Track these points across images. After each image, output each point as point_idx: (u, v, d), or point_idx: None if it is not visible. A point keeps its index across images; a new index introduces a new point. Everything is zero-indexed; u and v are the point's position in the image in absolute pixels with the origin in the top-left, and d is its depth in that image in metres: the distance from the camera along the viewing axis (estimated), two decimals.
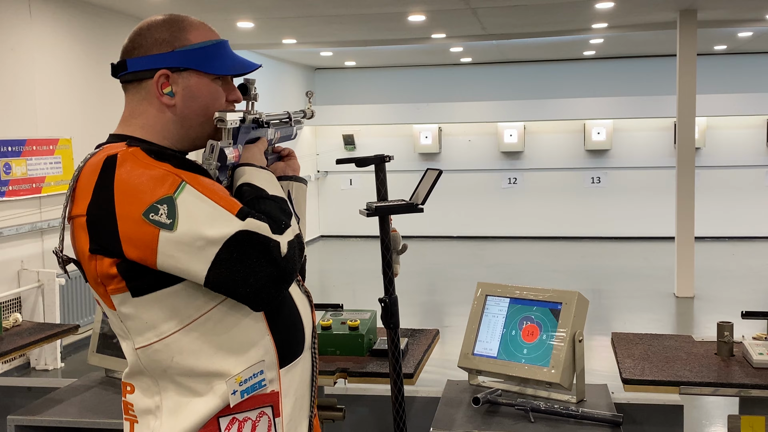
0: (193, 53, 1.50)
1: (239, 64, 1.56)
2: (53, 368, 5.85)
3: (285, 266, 1.37)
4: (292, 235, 1.42)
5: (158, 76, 1.49)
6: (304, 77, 12.38)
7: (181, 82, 1.50)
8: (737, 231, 11.61)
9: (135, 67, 1.50)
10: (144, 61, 1.49)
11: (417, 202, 2.16)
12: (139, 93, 1.52)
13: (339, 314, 2.89)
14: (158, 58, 1.49)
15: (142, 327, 1.43)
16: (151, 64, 1.49)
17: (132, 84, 1.52)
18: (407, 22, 8.22)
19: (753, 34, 9.58)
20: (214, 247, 1.33)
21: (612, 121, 11.75)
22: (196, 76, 1.50)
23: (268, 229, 1.37)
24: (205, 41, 1.52)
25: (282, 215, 1.43)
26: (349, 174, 12.50)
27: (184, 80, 1.50)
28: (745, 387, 2.38)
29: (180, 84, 1.50)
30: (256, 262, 1.34)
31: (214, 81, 1.53)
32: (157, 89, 1.49)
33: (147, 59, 1.49)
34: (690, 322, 7.34)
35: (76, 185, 1.44)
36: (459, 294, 8.05)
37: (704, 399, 4.69)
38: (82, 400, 2.80)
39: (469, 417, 2.41)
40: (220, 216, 1.35)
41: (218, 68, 1.52)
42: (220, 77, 1.54)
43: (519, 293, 2.65)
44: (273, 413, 1.48)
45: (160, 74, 1.49)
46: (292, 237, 1.42)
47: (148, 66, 1.49)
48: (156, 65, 1.49)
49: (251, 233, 1.35)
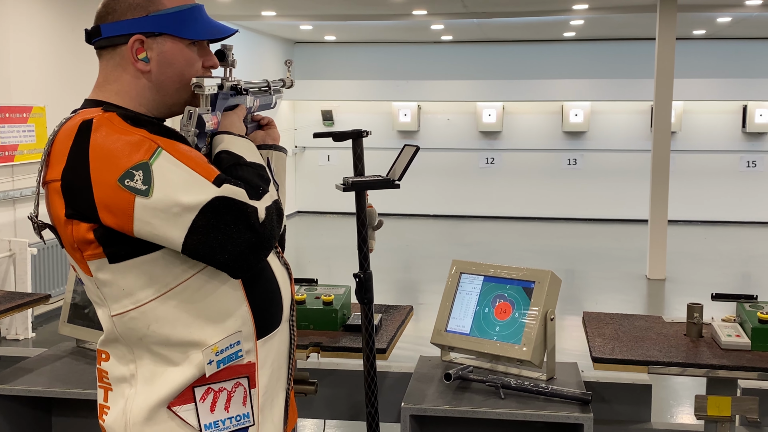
0: (168, 18, 1.48)
1: (215, 29, 1.54)
2: (24, 338, 5.80)
3: (263, 232, 1.37)
4: (269, 201, 1.41)
5: (132, 41, 1.47)
6: (283, 51, 12.27)
7: (155, 48, 1.48)
8: (710, 215, 11.74)
9: (109, 33, 1.48)
10: (118, 26, 1.47)
11: (393, 178, 2.16)
12: (113, 59, 1.50)
13: (313, 289, 2.90)
14: (132, 23, 1.47)
15: (119, 294, 1.42)
16: (125, 29, 1.47)
17: (106, 50, 1.50)
18: None
19: (732, 19, 9.63)
20: (190, 213, 1.33)
21: (590, 103, 11.79)
22: (171, 41, 1.49)
23: (245, 194, 1.36)
24: (180, 5, 1.50)
25: (260, 181, 1.43)
26: (327, 150, 12.45)
27: (158, 45, 1.48)
28: (713, 368, 2.42)
29: (155, 49, 1.48)
30: (233, 228, 1.34)
31: (190, 46, 1.51)
32: (131, 54, 1.47)
33: (121, 24, 1.47)
34: (661, 303, 7.44)
35: (51, 150, 1.42)
36: (434, 272, 8.08)
37: (672, 379, 4.77)
38: (52, 369, 2.79)
39: (441, 392, 2.43)
40: (196, 182, 1.34)
41: (193, 33, 1.50)
42: (195, 42, 1.52)
43: (493, 271, 2.66)
44: (249, 384, 1.49)
45: (135, 39, 1.47)
46: (270, 203, 1.41)
47: (122, 31, 1.47)
48: (130, 30, 1.47)
49: (228, 199, 1.34)
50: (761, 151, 11.66)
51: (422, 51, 12.33)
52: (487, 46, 12.15)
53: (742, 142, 11.70)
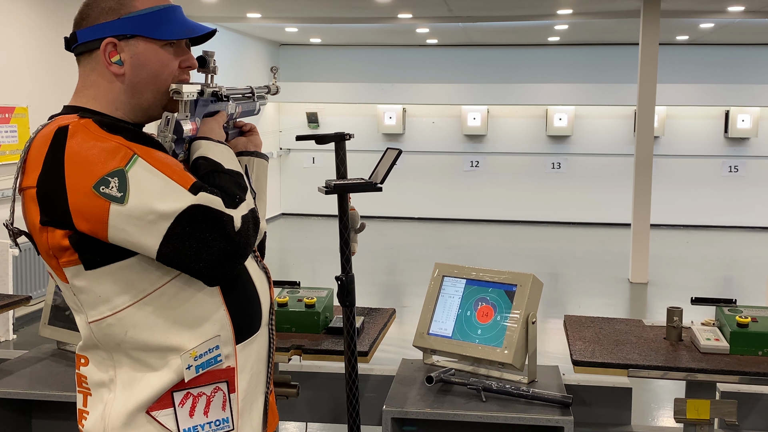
0: (140, 19, 1.47)
1: (189, 28, 1.52)
2: (5, 340, 5.76)
3: (239, 241, 1.37)
4: (246, 210, 1.41)
5: (105, 44, 1.46)
6: (268, 53, 12.26)
7: (128, 50, 1.47)
8: (693, 219, 11.82)
9: (84, 38, 1.48)
10: (91, 30, 1.47)
11: (376, 181, 2.17)
12: (90, 64, 1.49)
13: (296, 291, 2.89)
14: (105, 26, 1.46)
15: (95, 301, 1.42)
16: (98, 33, 1.46)
17: (83, 55, 1.50)
18: (374, 1, 8.18)
19: (714, 25, 9.71)
20: (165, 221, 1.32)
21: (574, 107, 11.85)
22: (143, 43, 1.47)
23: (221, 203, 1.36)
24: (153, 6, 1.49)
25: (236, 189, 1.42)
26: (312, 152, 12.44)
27: (131, 48, 1.47)
28: (692, 371, 2.44)
29: (128, 52, 1.47)
30: (209, 237, 1.34)
31: (165, 47, 1.49)
32: (104, 58, 1.47)
33: (94, 29, 1.47)
34: (643, 307, 7.48)
35: (27, 156, 1.42)
36: (418, 275, 8.09)
37: (652, 382, 4.80)
38: (32, 371, 2.77)
39: (422, 395, 2.44)
40: (172, 190, 1.33)
41: (167, 33, 1.48)
42: (171, 43, 1.50)
43: (475, 275, 2.67)
44: (228, 389, 1.48)
45: (107, 42, 1.46)
46: (246, 211, 1.41)
47: (96, 35, 1.47)
48: (103, 34, 1.46)
49: (204, 207, 1.34)
50: (743, 156, 11.76)
51: (407, 54, 12.35)
52: (472, 50, 12.19)
53: (724, 147, 11.80)
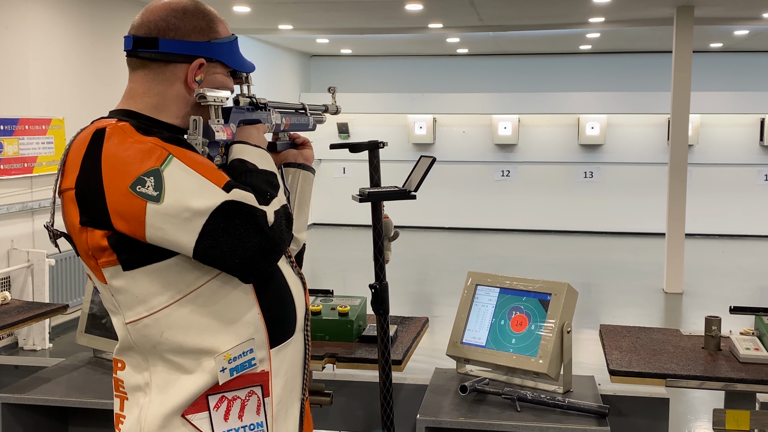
0: (224, 46, 1.57)
1: (250, 63, 1.65)
2: (41, 348, 5.84)
3: (272, 235, 1.38)
4: (278, 206, 1.43)
5: (197, 63, 1.52)
6: (299, 64, 12.34)
7: (209, 71, 1.55)
8: (728, 229, 11.65)
9: (169, 49, 1.51)
10: (181, 45, 1.51)
11: (410, 189, 2.17)
12: (163, 73, 1.52)
13: (329, 300, 2.90)
14: (196, 45, 1.52)
15: (133, 301, 1.44)
16: (189, 49, 1.52)
17: (155, 62, 1.52)
18: (404, 11, 8.20)
19: (749, 32, 9.60)
20: (200, 218, 1.34)
21: (606, 116, 11.76)
22: (221, 68, 1.57)
23: (253, 199, 1.39)
24: (229, 36, 1.59)
25: (268, 187, 1.45)
26: (343, 162, 12.48)
27: (211, 69, 1.55)
28: (731, 381, 2.40)
29: (207, 73, 1.54)
30: (243, 232, 1.36)
31: (229, 74, 1.60)
32: (191, 75, 1.52)
33: (185, 44, 1.52)
34: (678, 317, 7.38)
35: (66, 159, 1.46)
36: (450, 284, 8.06)
37: (690, 392, 4.72)
38: (69, 379, 2.80)
39: (456, 405, 2.43)
40: (206, 188, 1.36)
41: (239, 64, 1.60)
42: (235, 72, 1.60)
43: (509, 283, 2.65)
44: (262, 393, 1.49)
45: (199, 62, 1.52)
46: (279, 207, 1.43)
47: (185, 51, 1.52)
48: (194, 52, 1.52)
49: (237, 203, 1.36)
50: None
51: (438, 64, 12.36)
52: (503, 59, 12.16)
53: (759, 155, 11.62)
